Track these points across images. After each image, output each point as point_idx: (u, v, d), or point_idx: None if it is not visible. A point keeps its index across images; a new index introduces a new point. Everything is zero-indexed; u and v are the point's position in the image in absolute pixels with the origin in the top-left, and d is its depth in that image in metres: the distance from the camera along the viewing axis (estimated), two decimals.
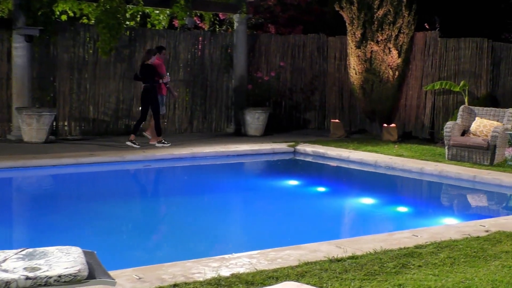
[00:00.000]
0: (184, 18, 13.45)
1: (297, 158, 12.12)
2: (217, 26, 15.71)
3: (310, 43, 15.89)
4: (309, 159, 11.99)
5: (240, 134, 14.17)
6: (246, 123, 14.05)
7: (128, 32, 13.63)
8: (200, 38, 14.68)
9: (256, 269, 4.77)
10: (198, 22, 15.75)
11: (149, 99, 11.75)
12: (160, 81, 11.92)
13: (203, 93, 14.74)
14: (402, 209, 8.33)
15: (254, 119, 13.92)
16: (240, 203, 8.87)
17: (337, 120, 14.52)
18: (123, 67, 13.63)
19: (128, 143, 11.62)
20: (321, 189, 9.63)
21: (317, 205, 8.47)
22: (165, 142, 11.93)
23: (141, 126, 12.13)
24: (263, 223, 7.40)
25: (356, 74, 14.10)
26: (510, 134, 10.56)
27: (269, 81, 14.54)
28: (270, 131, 14.61)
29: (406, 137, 13.93)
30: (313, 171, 11.49)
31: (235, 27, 14.58)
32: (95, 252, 3.63)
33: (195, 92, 14.54)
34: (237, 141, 12.80)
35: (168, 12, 14.51)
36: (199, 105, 14.66)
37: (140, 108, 12.31)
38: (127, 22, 13.53)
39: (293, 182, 10.03)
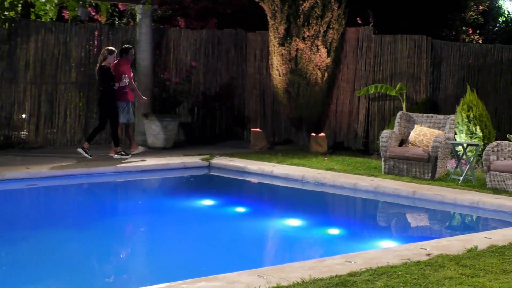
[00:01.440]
0: (76, 9, 13.21)
1: (213, 173, 12.09)
2: (117, 19, 15.51)
3: (226, 40, 15.95)
4: (226, 174, 11.98)
5: (145, 146, 14.00)
6: (152, 133, 13.91)
7: (6, 24, 13.24)
8: (96, 33, 14.45)
9: None
10: (93, 13, 15.51)
11: (104, 105, 12.20)
12: (117, 85, 12.19)
13: None
14: (334, 231, 8.45)
15: (162, 128, 13.81)
16: (144, 228, 8.75)
17: (258, 129, 14.61)
18: (1, 67, 13.23)
19: (80, 150, 11.99)
20: (241, 209, 9.64)
21: (236, 228, 8.46)
22: (124, 153, 12.22)
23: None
24: (172, 250, 7.32)
25: (279, 75, 14.26)
26: (452, 144, 10.94)
27: (178, 83, 14.47)
28: (180, 143, 14.53)
29: (337, 148, 14.17)
30: (231, 189, 11.48)
31: (137, 20, 14.44)
32: None
33: (90, 97, 14.27)
34: (141, 155, 12.65)
35: (56, 1, 14.21)
36: (96, 112, 14.40)
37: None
38: (6, 13, 13.15)
39: (207, 202, 10.00)
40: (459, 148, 11.20)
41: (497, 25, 19.09)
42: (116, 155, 12.20)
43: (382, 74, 14.00)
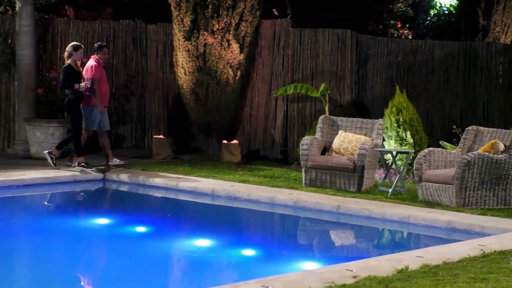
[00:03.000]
0: None
1: (108, 187, 11.98)
2: None
3: (123, 33, 15.81)
4: (124, 188, 11.89)
5: (28, 156, 13.74)
6: (36, 141, 13.65)
7: None
8: None
9: None
10: None
11: (68, 108, 12.52)
12: (77, 86, 12.02)
13: None
14: (249, 252, 8.47)
15: (48, 136, 13.57)
16: (24, 254, 8.54)
17: (161, 136, 14.53)
18: None
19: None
20: (141, 229, 9.56)
21: (135, 251, 8.38)
22: (88, 165, 12.18)
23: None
24: (56, 280, 7.17)
25: (185, 74, 14.22)
26: (381, 151, 11.14)
27: None
28: (70, 152, 14.30)
29: (252, 157, 14.24)
30: (129, 205, 11.39)
31: (17, 9, 14.18)
32: None
33: None
34: (23, 166, 12.43)
35: None
36: None
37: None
38: None
39: (101, 221, 9.87)
40: (388, 156, 11.43)
41: (428, 18, 19.67)
42: (78, 165, 12.17)
43: (302, 73, 14.15)
